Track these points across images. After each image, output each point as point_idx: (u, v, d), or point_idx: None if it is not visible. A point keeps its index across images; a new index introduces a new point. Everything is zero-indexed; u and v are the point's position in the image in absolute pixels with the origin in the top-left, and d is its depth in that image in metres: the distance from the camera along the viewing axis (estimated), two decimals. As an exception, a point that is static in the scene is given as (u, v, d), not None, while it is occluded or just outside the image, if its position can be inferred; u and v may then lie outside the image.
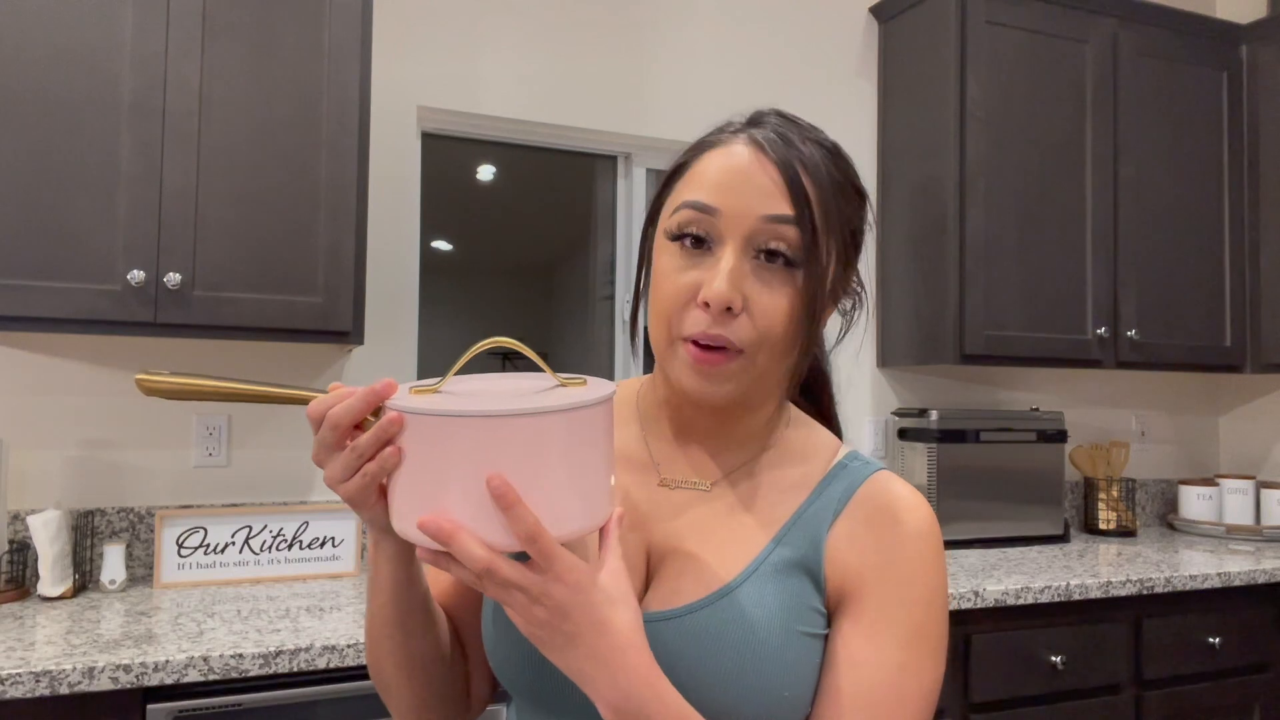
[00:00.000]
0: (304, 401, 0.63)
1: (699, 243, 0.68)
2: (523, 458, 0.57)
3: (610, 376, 2.53)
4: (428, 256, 7.62)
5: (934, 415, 2.39)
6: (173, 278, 1.60)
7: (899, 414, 2.53)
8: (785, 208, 0.67)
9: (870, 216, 0.76)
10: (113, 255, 1.59)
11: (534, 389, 0.63)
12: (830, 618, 0.70)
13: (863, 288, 0.78)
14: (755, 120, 0.73)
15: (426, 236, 7.03)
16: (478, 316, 8.26)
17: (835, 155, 0.72)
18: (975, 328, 2.31)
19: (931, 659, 0.68)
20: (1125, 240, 2.51)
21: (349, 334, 1.75)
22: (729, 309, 0.66)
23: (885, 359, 2.61)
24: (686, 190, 0.70)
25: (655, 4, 2.41)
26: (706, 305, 0.66)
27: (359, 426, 0.61)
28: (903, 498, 0.72)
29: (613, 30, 2.36)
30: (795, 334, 0.68)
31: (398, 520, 0.61)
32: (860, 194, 0.73)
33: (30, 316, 1.55)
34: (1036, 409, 2.56)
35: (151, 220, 1.61)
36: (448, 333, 8.02)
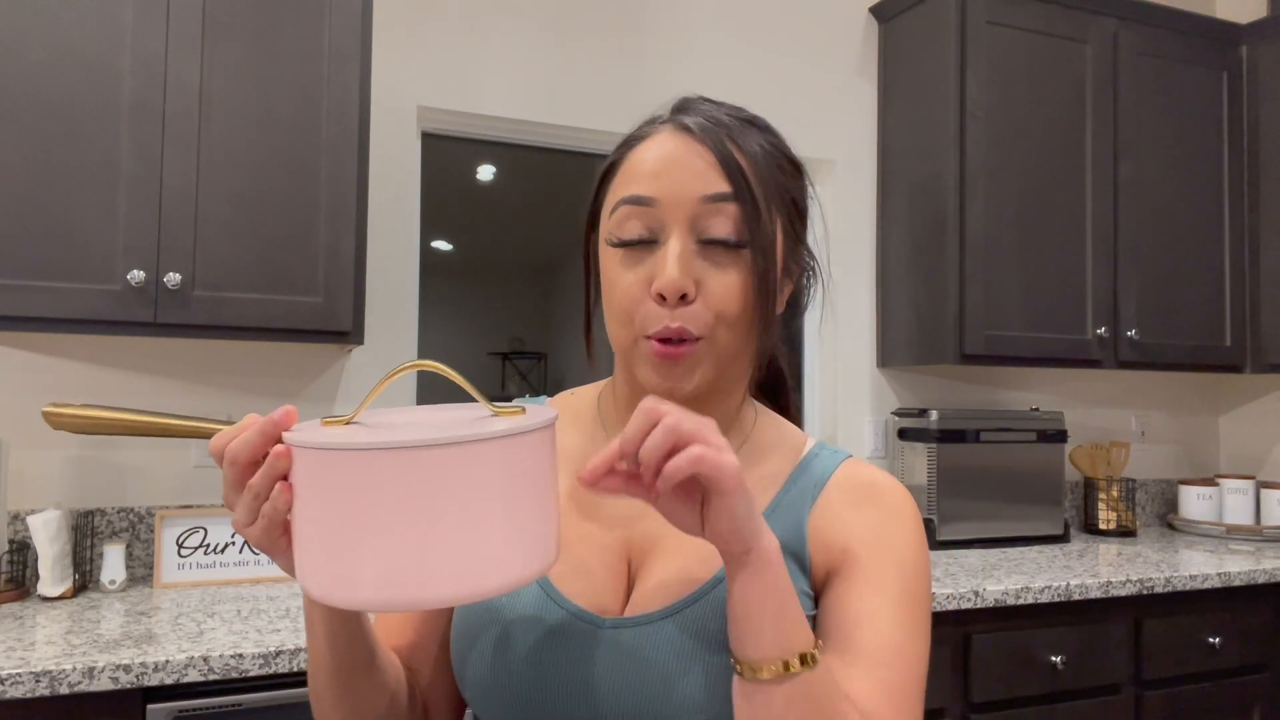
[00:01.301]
0: (208, 435, 0.57)
1: (643, 242, 0.67)
2: (453, 496, 0.47)
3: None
4: (428, 256, 7.61)
5: (934, 415, 2.39)
6: (173, 278, 1.60)
7: (899, 414, 2.53)
8: (722, 185, 0.66)
9: (811, 190, 0.74)
10: (113, 255, 1.59)
11: (465, 419, 0.54)
12: (817, 598, 0.70)
13: (814, 260, 0.76)
14: (680, 108, 0.73)
15: (426, 236, 7.02)
16: (478, 316, 8.25)
17: (764, 130, 0.71)
18: (975, 327, 2.31)
19: (923, 623, 0.68)
20: (1125, 240, 2.51)
21: (349, 334, 1.75)
22: (684, 296, 0.64)
23: (885, 359, 2.61)
24: (621, 187, 0.69)
25: (655, 4, 2.41)
26: (662, 297, 0.65)
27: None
28: (879, 478, 0.73)
29: (613, 30, 2.36)
30: (753, 313, 0.67)
31: (302, 577, 0.50)
32: (795, 164, 0.73)
33: (30, 316, 1.55)
34: (1036, 409, 2.56)
35: (151, 220, 1.61)
36: (448, 333, 8.02)
